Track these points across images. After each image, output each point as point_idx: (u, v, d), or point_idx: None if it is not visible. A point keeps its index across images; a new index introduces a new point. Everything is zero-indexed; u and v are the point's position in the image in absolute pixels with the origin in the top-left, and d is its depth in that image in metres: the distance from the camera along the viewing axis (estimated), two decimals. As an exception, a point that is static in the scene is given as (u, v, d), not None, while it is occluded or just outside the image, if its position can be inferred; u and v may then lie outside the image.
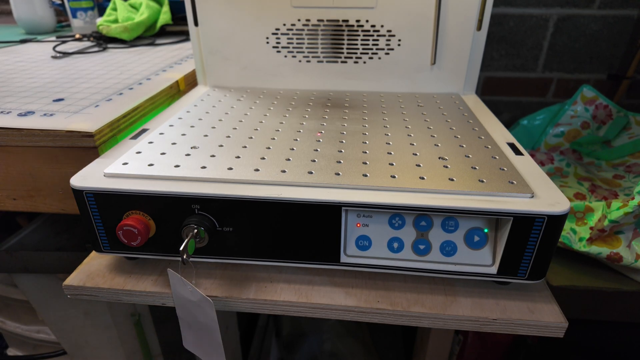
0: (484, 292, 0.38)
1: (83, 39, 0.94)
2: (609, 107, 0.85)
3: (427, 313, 0.36)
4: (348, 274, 0.40)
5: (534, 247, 0.33)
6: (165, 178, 0.36)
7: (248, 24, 0.60)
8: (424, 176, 0.36)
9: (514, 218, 0.32)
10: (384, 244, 0.37)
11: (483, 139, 0.44)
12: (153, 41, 0.94)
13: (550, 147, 0.89)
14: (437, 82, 0.62)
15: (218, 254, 0.38)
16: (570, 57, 0.98)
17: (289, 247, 0.37)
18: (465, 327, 0.36)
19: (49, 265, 0.63)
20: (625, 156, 0.82)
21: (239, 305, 0.38)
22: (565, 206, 0.32)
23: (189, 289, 0.35)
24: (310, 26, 0.60)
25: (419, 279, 0.39)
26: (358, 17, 0.59)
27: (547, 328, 0.35)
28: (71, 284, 0.39)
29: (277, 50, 0.62)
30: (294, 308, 0.37)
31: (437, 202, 0.33)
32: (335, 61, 0.62)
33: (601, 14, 0.93)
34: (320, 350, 0.96)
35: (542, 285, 0.39)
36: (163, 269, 0.41)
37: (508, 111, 1.07)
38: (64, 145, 0.47)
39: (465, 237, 0.36)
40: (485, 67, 1.01)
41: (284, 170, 0.37)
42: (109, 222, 0.37)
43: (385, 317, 0.37)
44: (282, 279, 0.39)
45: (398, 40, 0.60)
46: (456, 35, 0.58)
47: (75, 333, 0.73)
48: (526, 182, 0.35)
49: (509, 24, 0.95)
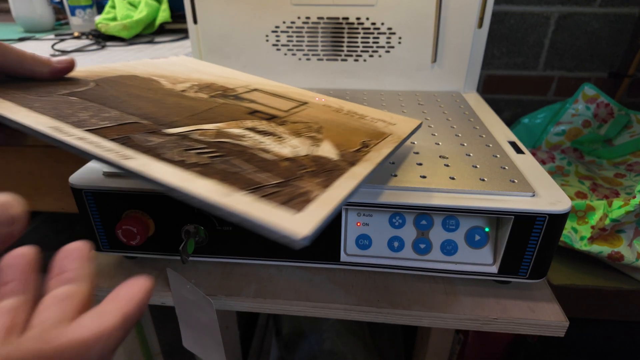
0: (485, 291, 0.38)
1: (82, 37, 0.94)
2: (610, 105, 0.85)
3: (428, 312, 0.36)
4: (348, 273, 0.40)
5: (535, 246, 0.33)
6: (164, 177, 0.36)
7: (247, 21, 0.60)
8: (424, 175, 0.36)
9: (515, 217, 0.32)
10: (384, 243, 0.37)
11: (484, 137, 0.44)
12: (152, 39, 0.94)
13: (551, 145, 0.89)
14: (438, 80, 0.62)
15: (217, 253, 0.38)
16: (572, 55, 0.98)
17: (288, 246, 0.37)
18: (466, 326, 0.36)
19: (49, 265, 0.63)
20: (626, 155, 0.82)
21: (238, 305, 0.38)
22: (567, 205, 0.32)
23: (189, 288, 0.34)
24: (310, 24, 0.60)
25: (419, 278, 0.39)
26: (358, 14, 0.58)
27: (548, 327, 0.35)
28: (70, 283, 0.39)
29: (277, 48, 0.62)
30: (294, 307, 0.37)
31: (437, 201, 0.33)
32: (335, 59, 0.62)
33: (602, 12, 0.92)
34: (320, 350, 0.96)
35: (543, 284, 0.38)
36: (162, 268, 0.41)
37: (509, 109, 1.07)
38: (63, 144, 0.47)
39: (466, 236, 0.35)
40: (486, 65, 1.01)
41: None
42: (108, 221, 0.37)
43: (386, 317, 0.36)
44: (282, 278, 0.39)
45: (398, 38, 0.59)
46: (457, 33, 0.58)
47: (75, 332, 0.73)
48: (527, 180, 0.35)
49: (510, 21, 0.95)
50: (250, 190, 0.25)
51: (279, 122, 0.37)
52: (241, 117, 0.37)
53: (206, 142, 0.31)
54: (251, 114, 0.38)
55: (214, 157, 0.29)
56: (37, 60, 0.32)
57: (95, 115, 0.31)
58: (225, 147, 0.31)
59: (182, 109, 0.36)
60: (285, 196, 0.26)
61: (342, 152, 0.34)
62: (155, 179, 0.25)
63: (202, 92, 0.41)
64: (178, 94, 0.39)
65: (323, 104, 0.45)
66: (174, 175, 0.25)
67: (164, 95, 0.38)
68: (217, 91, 0.42)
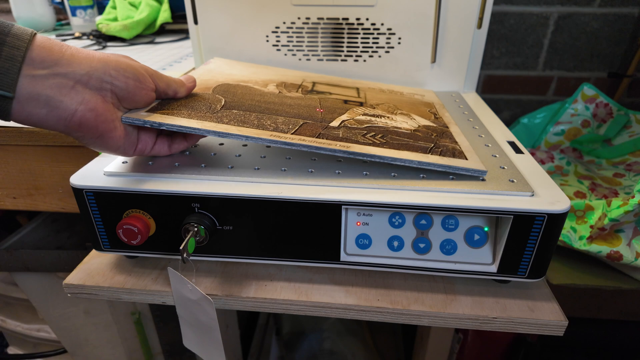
0: (484, 290, 0.38)
1: (82, 37, 0.94)
2: (609, 105, 0.85)
3: (427, 311, 0.36)
4: (348, 273, 0.40)
5: (534, 245, 0.33)
6: (165, 177, 0.36)
7: (248, 22, 0.60)
8: (424, 174, 0.36)
9: (514, 216, 0.32)
10: (384, 242, 0.37)
11: (483, 137, 0.44)
12: (153, 39, 0.94)
13: (550, 145, 0.89)
14: (438, 80, 0.62)
15: (218, 253, 0.38)
16: (571, 55, 0.98)
17: (289, 245, 0.37)
18: (465, 325, 0.36)
19: (49, 264, 0.63)
20: (625, 154, 0.82)
21: (239, 304, 0.38)
22: (566, 205, 0.32)
23: (189, 287, 0.35)
24: (310, 24, 0.60)
25: (419, 278, 0.39)
26: (358, 15, 0.58)
27: (547, 326, 0.35)
28: (71, 283, 0.39)
29: (277, 49, 0.62)
30: (294, 306, 0.37)
31: (437, 201, 0.33)
32: (335, 59, 0.62)
33: (602, 12, 0.93)
34: (320, 349, 0.97)
35: (542, 283, 0.39)
36: (163, 267, 0.41)
37: (508, 109, 1.07)
38: (64, 144, 0.47)
39: (466, 236, 0.36)
40: (486, 65, 1.01)
41: (284, 169, 0.37)
42: (109, 221, 0.37)
43: (385, 316, 0.37)
44: (282, 278, 0.39)
45: (398, 39, 0.59)
46: (456, 33, 0.58)
47: (76, 331, 0.73)
48: (526, 180, 0.35)
49: (510, 21, 0.95)
50: (429, 152, 0.36)
51: (368, 106, 0.46)
52: (342, 106, 0.45)
53: (362, 128, 0.39)
54: (345, 103, 0.46)
55: (381, 137, 0.37)
56: (178, 83, 0.38)
57: (281, 123, 0.37)
58: (374, 129, 0.39)
59: (307, 107, 0.42)
60: (449, 152, 0.37)
61: (430, 120, 0.44)
62: (381, 157, 0.34)
63: (289, 90, 0.47)
64: (282, 96, 0.45)
65: (368, 86, 0.55)
66: (383, 151, 0.35)
67: (279, 98, 0.44)
68: (298, 88, 0.49)
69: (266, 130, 0.35)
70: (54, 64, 0.29)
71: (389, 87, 0.57)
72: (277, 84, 0.49)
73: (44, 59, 0.28)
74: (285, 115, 0.39)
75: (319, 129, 0.37)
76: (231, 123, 0.35)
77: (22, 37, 0.28)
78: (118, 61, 0.32)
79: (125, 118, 0.33)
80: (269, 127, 0.36)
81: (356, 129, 0.38)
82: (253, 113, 0.38)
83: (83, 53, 0.31)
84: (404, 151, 0.35)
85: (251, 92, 0.44)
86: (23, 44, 0.27)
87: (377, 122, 0.41)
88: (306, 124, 0.38)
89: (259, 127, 0.35)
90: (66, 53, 0.30)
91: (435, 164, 0.34)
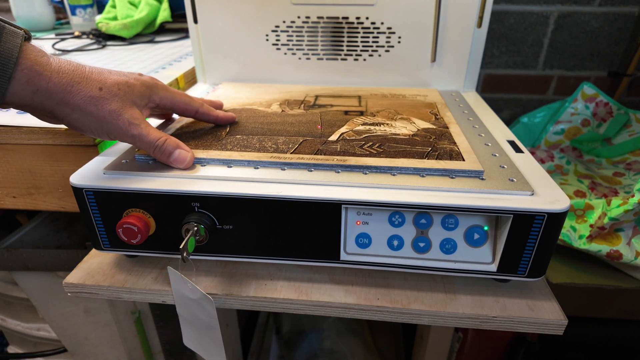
0: (484, 289, 0.38)
1: (82, 36, 0.94)
2: (609, 104, 0.85)
3: (427, 311, 0.36)
4: (348, 272, 0.40)
5: (533, 244, 0.33)
6: (165, 176, 0.36)
7: (248, 21, 0.60)
8: (423, 174, 0.36)
9: (514, 216, 0.32)
10: (383, 241, 0.37)
11: (483, 136, 0.44)
12: (152, 38, 0.94)
13: (550, 144, 0.89)
14: (438, 79, 0.62)
15: (218, 252, 0.38)
16: (571, 55, 0.98)
17: (288, 245, 0.37)
18: (465, 324, 0.36)
19: (49, 263, 0.63)
20: (625, 154, 0.82)
21: (239, 303, 0.38)
22: (565, 204, 0.32)
23: (189, 286, 0.35)
24: (310, 23, 0.60)
25: (418, 277, 0.39)
26: (358, 14, 0.58)
27: (546, 325, 0.35)
28: (71, 282, 0.39)
29: (277, 48, 0.62)
30: (294, 306, 0.37)
31: (437, 200, 0.33)
32: (335, 58, 0.62)
33: (602, 11, 0.92)
34: (320, 348, 0.97)
35: (541, 282, 0.39)
36: (163, 266, 0.41)
37: (508, 108, 1.07)
38: (64, 143, 0.47)
39: (465, 235, 0.36)
40: (486, 64, 1.01)
41: (284, 168, 0.37)
42: (109, 220, 0.37)
43: (385, 315, 0.37)
44: (282, 277, 0.39)
45: (398, 38, 0.59)
46: (456, 33, 0.58)
47: (76, 330, 0.73)
48: (526, 179, 0.35)
49: (510, 21, 0.95)
50: (425, 157, 0.37)
51: (368, 114, 0.48)
52: (342, 118, 0.47)
53: (360, 139, 0.41)
54: (345, 114, 0.48)
55: (378, 146, 0.39)
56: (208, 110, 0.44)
57: (281, 143, 0.40)
58: (372, 139, 0.41)
59: (307, 123, 0.45)
60: (446, 155, 0.38)
61: (430, 121, 0.46)
62: (377, 167, 0.36)
63: (292, 107, 0.51)
64: (285, 114, 0.48)
65: (370, 93, 0.57)
66: (379, 161, 0.36)
67: (281, 117, 0.47)
68: (300, 105, 0.52)
69: (267, 152, 0.38)
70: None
71: (391, 90, 0.59)
72: (280, 102, 0.53)
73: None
74: (286, 134, 0.42)
75: (317, 145, 0.40)
76: (234, 149, 0.39)
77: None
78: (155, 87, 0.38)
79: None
80: (270, 149, 0.39)
81: (354, 140, 0.41)
82: (255, 136, 0.42)
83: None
84: (400, 159, 0.37)
85: (255, 115, 0.48)
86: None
87: (376, 131, 0.43)
88: (306, 141, 0.41)
89: (260, 150, 0.39)
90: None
91: (431, 169, 0.35)
